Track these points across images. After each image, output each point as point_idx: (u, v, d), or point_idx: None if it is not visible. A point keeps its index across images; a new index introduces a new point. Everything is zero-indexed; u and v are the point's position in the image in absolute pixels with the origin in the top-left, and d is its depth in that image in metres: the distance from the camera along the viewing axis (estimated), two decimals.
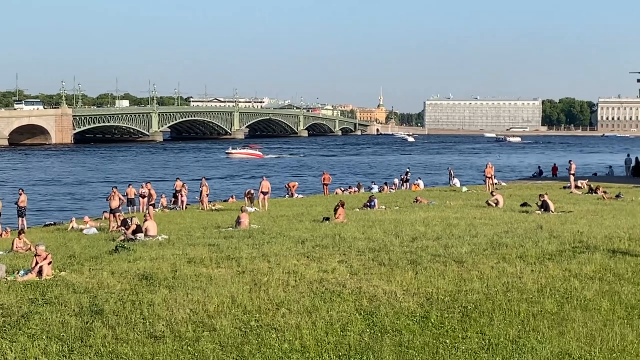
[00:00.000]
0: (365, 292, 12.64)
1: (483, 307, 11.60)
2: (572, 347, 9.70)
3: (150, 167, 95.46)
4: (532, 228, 21.03)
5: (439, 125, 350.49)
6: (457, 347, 9.81)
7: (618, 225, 21.30)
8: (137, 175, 73.83)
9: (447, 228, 21.53)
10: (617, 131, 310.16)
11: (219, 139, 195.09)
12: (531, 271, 14.21)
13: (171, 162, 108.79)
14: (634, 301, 11.95)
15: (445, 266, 14.78)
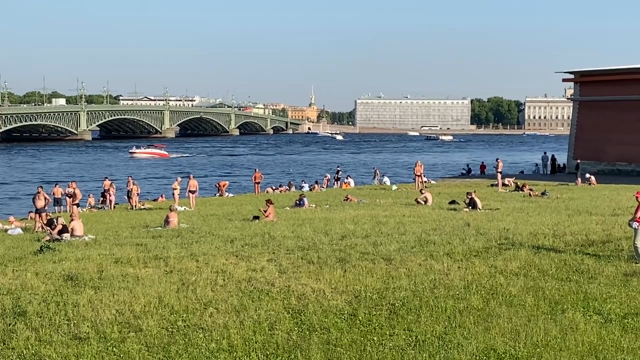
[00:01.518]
0: (293, 291, 12.61)
1: (410, 304, 11.66)
2: (497, 342, 9.82)
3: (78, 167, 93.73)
4: (459, 225, 21.33)
5: (370, 124, 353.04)
6: (384, 344, 9.84)
7: (543, 222, 21.76)
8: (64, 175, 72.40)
9: (376, 226, 21.67)
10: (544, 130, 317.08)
11: (149, 137, 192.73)
12: (458, 268, 14.40)
13: (98, 161, 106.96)
14: (558, 296, 12.17)
15: (373, 264, 14.85)
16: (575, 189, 41.28)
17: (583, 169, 49.03)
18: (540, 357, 9.26)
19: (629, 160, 55.52)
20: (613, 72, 59.29)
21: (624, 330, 10.37)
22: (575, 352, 9.44)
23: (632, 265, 14.56)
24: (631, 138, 54.96)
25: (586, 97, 59.85)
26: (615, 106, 56.79)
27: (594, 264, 14.69)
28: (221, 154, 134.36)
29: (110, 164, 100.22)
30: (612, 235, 18.43)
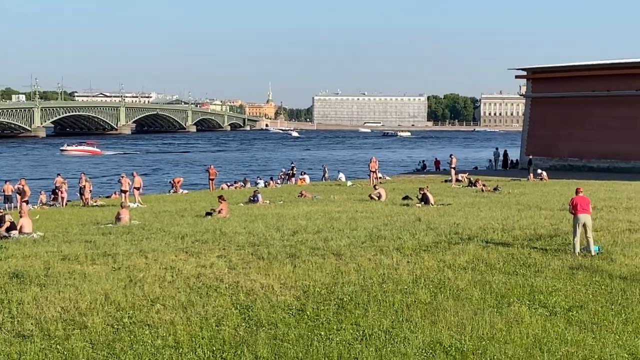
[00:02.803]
0: (242, 287, 12.57)
1: (359, 299, 11.70)
2: (443, 336, 9.88)
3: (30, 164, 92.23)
4: (411, 221, 21.45)
5: (328, 120, 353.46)
6: (332, 339, 9.85)
7: (493, 217, 21.98)
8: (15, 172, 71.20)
9: (328, 222, 21.70)
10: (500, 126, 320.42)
11: (105, 134, 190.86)
12: (407, 262, 14.48)
13: (27, 157, 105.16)
14: (504, 290, 12.30)
15: (323, 259, 14.88)
16: (527, 184, 41.76)
17: (535, 165, 49.54)
18: (485, 350, 9.33)
19: (580, 156, 56.34)
20: (564, 69, 60.10)
21: (569, 323, 10.52)
22: (520, 345, 9.53)
23: (577, 258, 14.78)
24: (582, 134, 55.78)
25: (538, 93, 60.56)
26: (567, 102, 57.57)
27: (540, 257, 14.89)
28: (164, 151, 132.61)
29: (39, 161, 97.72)
30: (560, 229, 18.70)
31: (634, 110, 53.67)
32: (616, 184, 38.83)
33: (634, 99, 53.94)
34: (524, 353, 9.25)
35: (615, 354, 9.18)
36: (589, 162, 55.72)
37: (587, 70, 58.10)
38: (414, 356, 9.16)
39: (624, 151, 53.88)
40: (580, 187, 17.05)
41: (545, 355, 9.17)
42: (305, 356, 9.22)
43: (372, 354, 9.23)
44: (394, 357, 9.12)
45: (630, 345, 9.54)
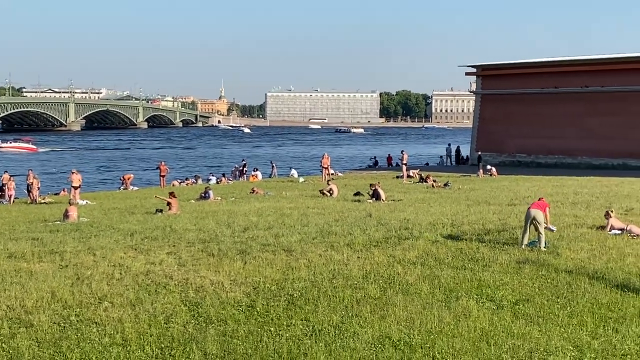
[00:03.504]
0: (192, 283, 12.50)
1: (309, 295, 11.71)
2: (392, 330, 9.94)
3: None
4: (362, 216, 21.54)
5: (281, 117, 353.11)
6: (281, 335, 9.84)
7: (443, 212, 22.17)
8: None
9: (280, 218, 21.69)
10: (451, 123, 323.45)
11: (54, 130, 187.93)
12: (357, 258, 14.53)
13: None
14: (453, 284, 12.41)
15: (274, 255, 14.86)
16: (476, 180, 42.22)
17: (485, 161, 50.21)
18: (433, 344, 9.40)
19: (529, 152, 57.21)
20: (513, 66, 60.96)
21: (515, 316, 10.65)
22: (467, 338, 9.63)
23: (524, 253, 15.00)
24: (530, 130, 56.63)
25: (488, 90, 61.29)
26: (515, 99, 58.40)
27: (488, 252, 15.06)
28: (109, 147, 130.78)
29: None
30: (508, 224, 18.92)
31: (580, 107, 54.67)
32: (563, 180, 39.45)
33: (581, 96, 54.93)
34: (471, 346, 9.35)
35: (561, 347, 9.32)
36: (537, 158, 56.59)
37: (535, 68, 59.02)
38: (363, 351, 9.20)
39: (571, 147, 54.85)
40: (544, 197, 17.26)
41: (492, 348, 9.28)
42: (255, 352, 9.20)
43: (321, 349, 9.25)
44: (343, 352, 9.14)
45: (575, 337, 9.70)
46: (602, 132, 53.40)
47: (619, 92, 53.14)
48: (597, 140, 53.52)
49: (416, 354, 9.11)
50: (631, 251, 15.18)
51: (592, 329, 10.05)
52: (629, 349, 9.27)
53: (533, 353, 9.11)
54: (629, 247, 15.69)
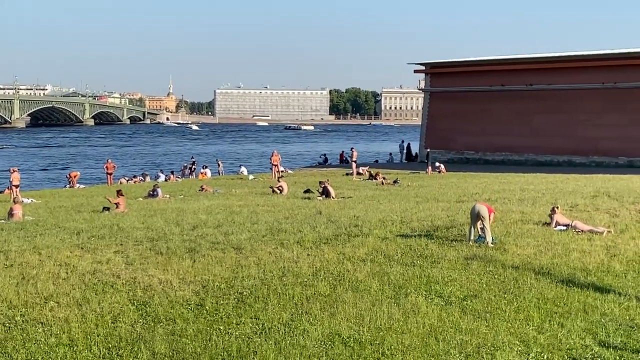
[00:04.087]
0: (140, 282, 12.37)
1: (258, 293, 11.67)
2: (342, 327, 9.96)
3: None
4: (312, 214, 21.55)
5: (230, 114, 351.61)
6: (231, 333, 9.80)
7: (392, 210, 22.28)
8: None
9: (229, 216, 21.58)
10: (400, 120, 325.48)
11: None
12: (307, 255, 14.53)
13: None
14: (402, 281, 12.48)
15: (223, 253, 14.78)
16: (425, 177, 42.54)
17: (433, 158, 50.59)
18: (383, 341, 9.45)
19: (476, 149, 57.84)
20: (461, 64, 61.55)
21: (463, 312, 10.75)
22: (416, 334, 9.69)
23: (472, 249, 15.15)
24: (478, 128, 57.26)
25: (436, 88, 61.79)
26: (463, 97, 59.00)
27: (437, 248, 15.18)
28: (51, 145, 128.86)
29: None
30: (456, 220, 19.09)
31: (526, 105, 55.46)
32: (510, 176, 39.96)
33: (527, 93, 55.72)
34: (420, 342, 9.41)
35: (508, 342, 9.43)
36: (484, 155, 57.23)
37: (483, 66, 59.67)
38: (312, 348, 9.20)
39: (518, 144, 55.60)
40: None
41: (440, 344, 9.35)
42: (204, 351, 9.14)
43: (271, 347, 9.23)
44: (293, 350, 9.13)
45: (522, 332, 9.82)
46: (548, 130, 54.22)
47: (564, 90, 54.01)
48: (543, 137, 54.32)
49: (366, 350, 9.15)
50: (576, 247, 15.43)
51: (539, 324, 10.20)
52: (574, 343, 9.41)
53: (481, 348, 9.21)
54: (573, 242, 15.94)
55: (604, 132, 51.79)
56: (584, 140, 52.50)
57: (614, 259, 14.36)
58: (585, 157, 52.44)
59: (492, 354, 9.01)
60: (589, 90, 53.03)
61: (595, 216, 19.96)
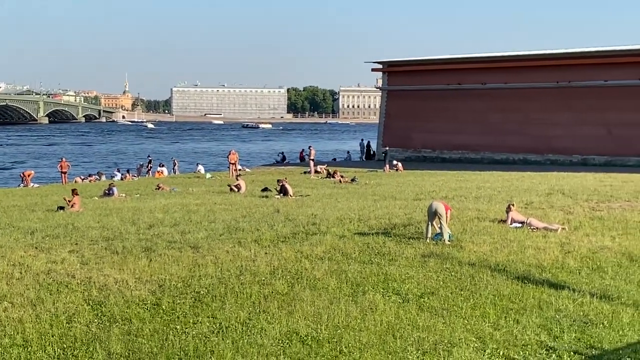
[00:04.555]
0: (95, 282, 12.22)
1: (216, 292, 11.61)
2: (300, 325, 9.95)
3: None
4: (269, 212, 21.51)
5: (187, 112, 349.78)
6: (188, 332, 9.74)
7: (350, 208, 22.32)
8: None
9: (186, 214, 21.45)
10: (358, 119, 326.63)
11: None
12: (265, 254, 14.49)
13: None
14: (360, 279, 12.50)
15: (180, 252, 14.68)
16: (383, 175, 42.68)
17: (391, 156, 50.76)
18: (340, 339, 9.46)
19: (434, 147, 58.22)
20: (418, 63, 61.87)
21: (420, 309, 10.81)
22: (374, 332, 9.72)
23: (429, 246, 15.25)
24: (434, 126, 57.65)
25: (393, 86, 62.05)
26: (420, 95, 59.32)
27: (395, 246, 15.23)
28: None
29: None
30: (414, 218, 19.18)
31: (483, 103, 55.96)
32: (467, 174, 40.29)
33: (483, 92, 56.23)
34: (378, 340, 9.44)
35: (464, 338, 9.51)
36: (441, 154, 57.65)
37: (439, 65, 60.09)
38: (270, 347, 9.19)
39: (474, 143, 56.09)
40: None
41: (397, 341, 9.39)
42: (160, 351, 9.07)
43: (228, 346, 9.19)
44: (250, 349, 9.10)
45: (478, 329, 9.91)
46: (504, 128, 54.78)
47: (519, 89, 54.62)
48: (498, 135, 54.87)
49: (323, 348, 9.15)
50: (531, 244, 15.61)
51: (494, 320, 10.29)
52: (529, 339, 9.52)
53: (437, 345, 9.27)
54: (529, 239, 16.12)
55: (558, 130, 52.48)
56: (539, 138, 53.16)
57: (568, 255, 14.55)
58: (540, 155, 53.08)
59: (448, 351, 9.07)
60: (543, 89, 53.71)
61: (550, 213, 20.21)
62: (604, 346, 9.33)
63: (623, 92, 50.35)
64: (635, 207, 21.62)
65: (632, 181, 32.09)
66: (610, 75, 50.80)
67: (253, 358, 8.86)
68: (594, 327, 10.03)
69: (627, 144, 49.69)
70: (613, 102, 50.53)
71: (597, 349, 9.24)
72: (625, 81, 50.29)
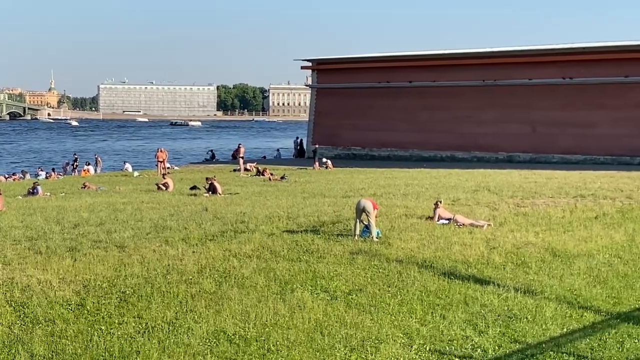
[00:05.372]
0: (18, 283, 11.90)
1: (142, 291, 11.45)
2: (227, 324, 9.89)
3: None
4: (198, 210, 21.33)
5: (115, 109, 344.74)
6: (113, 333, 9.59)
7: (279, 205, 22.30)
8: None
9: (112, 213, 21.10)
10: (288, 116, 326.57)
11: None
12: (192, 252, 14.35)
13: None
14: (288, 277, 12.49)
15: (106, 252, 14.43)
16: (313, 172, 42.79)
17: (321, 154, 50.95)
18: (268, 337, 9.44)
19: (363, 144, 58.58)
20: (347, 61, 62.20)
21: (348, 306, 10.86)
22: (302, 330, 9.73)
23: (357, 243, 15.33)
24: (363, 123, 58.01)
25: (323, 84, 62.22)
26: (350, 93, 59.62)
27: (323, 244, 15.26)
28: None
29: None
30: (342, 215, 19.26)
31: (410, 101, 56.55)
32: (395, 172, 40.64)
33: (411, 90, 56.82)
34: (306, 337, 9.45)
35: (391, 334, 9.59)
36: (371, 151, 58.05)
37: (368, 63, 60.52)
38: (197, 346, 9.11)
39: (403, 140, 56.67)
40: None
41: (325, 338, 9.42)
42: (85, 352, 8.91)
43: (154, 346, 9.09)
44: (177, 349, 9.02)
45: (405, 325, 10.00)
46: (432, 126, 55.48)
47: (446, 87, 55.38)
48: (426, 133, 55.53)
49: (251, 347, 9.12)
50: (457, 240, 15.84)
51: (421, 316, 10.41)
52: (455, 334, 9.65)
53: (365, 342, 9.32)
54: (455, 236, 16.36)
55: (485, 128, 53.38)
56: (466, 136, 54.00)
57: (494, 251, 14.81)
58: (467, 152, 53.92)
59: (376, 347, 9.13)
60: (470, 88, 54.55)
61: (476, 210, 20.55)
62: (528, 340, 9.52)
63: (547, 90, 51.52)
64: (559, 204, 22.14)
65: (556, 178, 32.84)
66: (535, 74, 51.93)
67: (179, 358, 8.78)
68: (518, 322, 10.22)
69: (550, 142, 50.85)
70: (537, 101, 51.68)
71: (520, 343, 9.43)
72: (549, 80, 51.47)
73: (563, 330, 9.97)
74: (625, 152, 47.88)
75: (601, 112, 49.19)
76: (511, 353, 9.07)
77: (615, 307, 11.18)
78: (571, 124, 49.96)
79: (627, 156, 47.57)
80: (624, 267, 13.92)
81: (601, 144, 48.72)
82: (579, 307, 11.03)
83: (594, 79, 49.65)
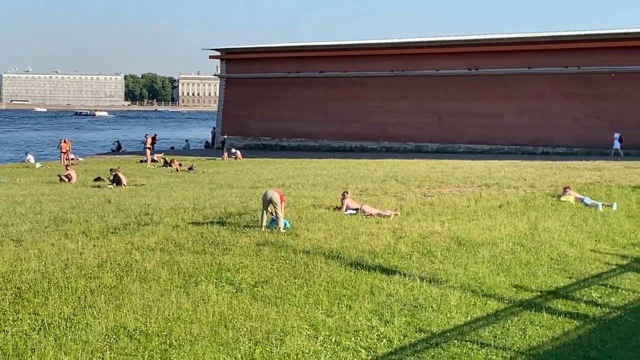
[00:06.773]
0: None
1: (39, 287, 10.99)
2: (128, 319, 9.62)
3: None
4: (100, 203, 20.77)
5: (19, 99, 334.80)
6: (7, 330, 9.21)
7: (185, 197, 21.92)
8: None
9: (10, 206, 20.34)
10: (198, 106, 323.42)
11: None
12: (93, 246, 13.89)
13: None
14: (192, 269, 12.22)
15: (1, 246, 13.82)
16: (221, 163, 42.44)
17: (230, 144, 50.54)
18: (170, 332, 9.22)
19: (273, 135, 58.45)
20: (256, 50, 61.90)
21: (254, 299, 10.70)
22: (205, 323, 9.55)
23: (264, 234, 15.14)
24: (273, 114, 57.88)
25: (232, 74, 61.73)
26: (259, 83, 59.36)
27: (229, 235, 15.01)
28: None
29: None
30: (250, 207, 19.02)
31: (320, 91, 56.68)
32: (305, 162, 40.65)
33: (321, 80, 56.95)
34: (210, 331, 9.26)
35: (297, 326, 9.48)
36: (281, 141, 57.96)
37: (278, 52, 60.34)
38: (96, 343, 8.83)
39: (313, 130, 56.78)
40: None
41: (230, 331, 9.24)
42: None
43: (51, 343, 8.77)
44: (74, 345, 8.70)
45: (311, 316, 9.90)
46: (341, 116, 55.73)
47: (357, 77, 55.67)
48: (336, 123, 55.76)
49: (152, 342, 8.88)
50: (365, 230, 15.82)
51: (328, 307, 10.33)
52: (361, 324, 9.61)
53: (270, 334, 9.18)
54: (362, 226, 16.34)
55: (394, 118, 53.95)
56: (375, 126, 54.45)
57: (400, 241, 14.85)
58: (376, 142, 54.39)
59: (281, 340, 9.00)
60: (380, 78, 55.00)
61: (384, 200, 20.62)
62: (433, 329, 9.54)
63: (453, 81, 52.36)
64: (464, 193, 22.45)
65: (462, 167, 33.38)
66: (442, 65, 52.73)
67: (77, 355, 8.48)
68: (423, 311, 10.25)
69: (457, 132, 51.75)
70: (444, 91, 52.49)
71: (425, 332, 9.44)
72: (455, 70, 52.32)
73: (467, 319, 10.04)
74: (528, 142, 49.10)
75: (507, 102, 50.32)
76: (416, 342, 9.07)
77: (518, 294, 11.35)
78: (478, 114, 50.95)
79: (530, 146, 48.81)
80: (527, 254, 14.18)
81: (506, 134, 49.86)
82: (483, 295, 11.15)
83: (499, 69, 50.71)
